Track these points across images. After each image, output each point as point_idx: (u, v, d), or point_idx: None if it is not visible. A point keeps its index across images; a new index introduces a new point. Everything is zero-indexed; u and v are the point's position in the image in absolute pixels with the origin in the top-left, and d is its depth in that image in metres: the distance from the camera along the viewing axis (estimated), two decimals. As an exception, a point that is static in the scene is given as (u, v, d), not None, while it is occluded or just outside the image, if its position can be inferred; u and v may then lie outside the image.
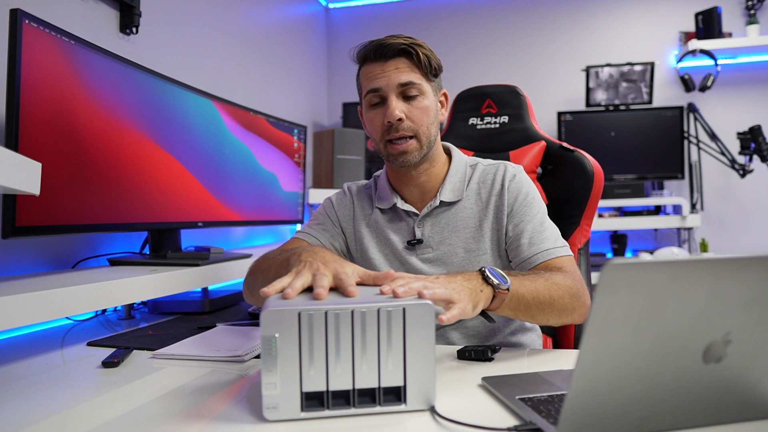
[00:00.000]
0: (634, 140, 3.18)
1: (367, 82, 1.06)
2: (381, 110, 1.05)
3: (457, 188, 1.11)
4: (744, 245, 3.16)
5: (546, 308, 0.91)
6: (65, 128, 1.21)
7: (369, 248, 1.14)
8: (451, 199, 1.10)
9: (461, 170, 1.13)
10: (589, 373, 0.52)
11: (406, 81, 1.03)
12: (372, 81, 1.05)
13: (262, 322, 0.64)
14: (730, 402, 0.59)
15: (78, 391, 0.84)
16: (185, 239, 1.70)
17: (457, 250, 1.09)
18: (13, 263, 1.32)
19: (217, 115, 1.79)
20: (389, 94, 1.03)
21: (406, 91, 1.04)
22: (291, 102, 3.11)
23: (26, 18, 1.09)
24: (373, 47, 1.05)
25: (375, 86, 1.04)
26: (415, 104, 1.04)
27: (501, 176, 1.10)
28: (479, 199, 1.11)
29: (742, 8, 3.19)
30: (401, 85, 1.03)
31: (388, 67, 1.04)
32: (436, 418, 0.65)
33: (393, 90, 1.03)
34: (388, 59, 1.04)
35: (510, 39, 3.47)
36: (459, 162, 1.14)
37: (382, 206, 1.15)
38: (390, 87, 1.03)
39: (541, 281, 0.91)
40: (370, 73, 1.05)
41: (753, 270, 0.52)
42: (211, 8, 2.29)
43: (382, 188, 1.16)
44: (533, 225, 1.05)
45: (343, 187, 1.23)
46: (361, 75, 1.09)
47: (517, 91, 1.52)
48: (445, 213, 1.11)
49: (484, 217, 1.09)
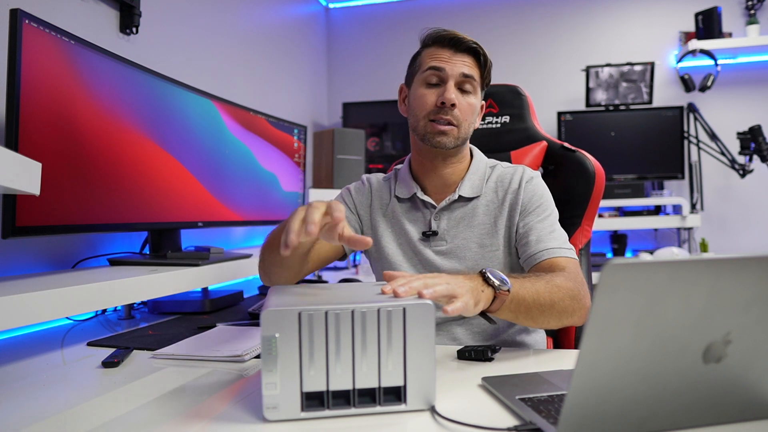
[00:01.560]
0: (634, 140, 3.18)
1: (433, 61, 1.10)
2: (436, 90, 1.09)
3: (476, 185, 1.14)
4: (744, 245, 3.16)
5: (546, 311, 0.91)
6: (65, 128, 1.21)
7: (384, 237, 1.17)
8: (469, 194, 1.13)
9: (482, 169, 1.17)
10: (589, 373, 0.52)
11: (469, 74, 1.09)
12: (438, 61, 1.09)
13: (262, 322, 0.64)
14: (730, 402, 0.59)
15: (78, 391, 0.84)
16: (185, 239, 1.70)
17: (470, 245, 1.11)
18: (13, 263, 1.32)
19: (217, 115, 1.79)
20: (450, 79, 1.08)
21: (464, 84, 1.09)
22: (291, 102, 3.11)
23: (26, 18, 1.09)
24: (449, 36, 1.10)
25: (441, 66, 1.08)
26: (467, 98, 1.10)
27: (519, 177, 1.14)
28: (496, 197, 1.14)
29: (742, 8, 3.19)
30: (464, 75, 1.08)
31: (456, 58, 1.09)
32: (436, 418, 0.65)
33: (455, 77, 1.08)
34: (459, 51, 1.09)
35: (510, 39, 3.47)
36: (480, 161, 1.18)
37: (402, 195, 1.18)
38: (453, 73, 1.08)
39: (541, 283, 0.92)
40: (439, 54, 1.10)
41: (753, 270, 0.52)
42: (211, 8, 2.29)
43: (404, 177, 1.19)
44: (543, 225, 1.08)
45: (362, 178, 1.26)
46: (425, 54, 1.12)
47: (519, 90, 1.51)
48: (462, 208, 1.14)
49: (499, 214, 1.12)
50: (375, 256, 1.19)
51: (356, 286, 0.88)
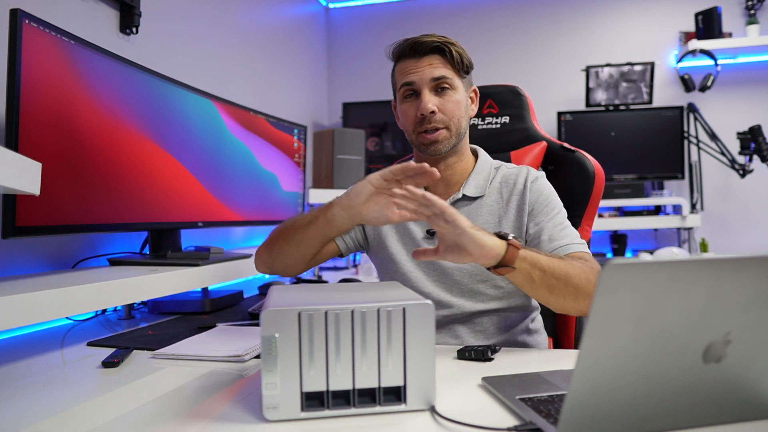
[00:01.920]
0: (634, 140, 3.18)
1: (402, 77, 1.11)
2: (414, 103, 1.10)
3: (480, 185, 1.15)
4: (744, 245, 3.16)
5: (562, 280, 0.90)
6: (65, 128, 1.21)
7: (388, 236, 1.18)
8: (473, 194, 1.14)
9: (486, 170, 1.18)
10: (589, 373, 0.52)
11: (438, 76, 1.08)
12: (406, 75, 1.10)
13: (262, 322, 0.64)
14: (730, 402, 0.59)
15: (78, 391, 0.84)
16: (185, 239, 1.70)
17: None
18: (13, 263, 1.32)
19: (217, 115, 1.79)
20: (422, 87, 1.09)
21: (439, 86, 1.09)
22: (291, 102, 3.11)
23: (26, 18, 1.09)
24: (408, 44, 1.10)
25: (409, 80, 1.10)
26: (447, 98, 1.10)
27: (524, 177, 1.14)
28: (500, 197, 1.15)
29: (742, 8, 3.19)
30: (434, 79, 1.08)
31: (422, 63, 1.09)
32: (436, 418, 0.65)
33: (426, 84, 1.08)
34: (422, 56, 1.09)
35: (510, 39, 3.47)
36: (485, 162, 1.19)
37: None
38: (423, 81, 1.08)
39: (557, 258, 0.94)
40: (405, 68, 1.11)
41: (753, 270, 0.52)
42: (211, 8, 2.29)
43: None
44: (553, 223, 1.08)
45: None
46: (396, 70, 1.15)
47: (518, 91, 1.51)
48: (466, 207, 1.15)
49: (504, 214, 1.13)
50: (379, 255, 1.20)
51: (356, 286, 0.88)
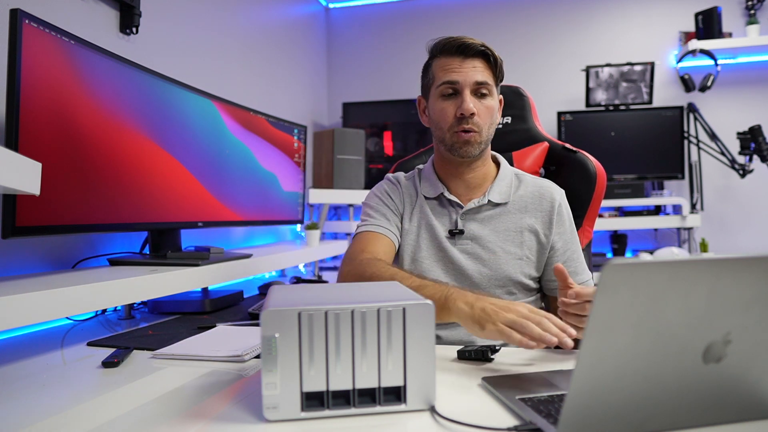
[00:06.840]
0: (634, 140, 3.18)
1: (444, 74, 1.12)
2: (454, 102, 1.12)
3: (504, 192, 1.18)
4: (744, 245, 3.16)
5: None
6: (65, 128, 1.21)
7: (410, 233, 1.20)
8: (498, 200, 1.17)
9: (509, 177, 1.21)
10: (589, 373, 0.52)
11: (482, 80, 1.11)
12: (450, 73, 1.11)
13: (262, 322, 0.64)
14: (730, 402, 0.59)
15: (78, 391, 0.84)
16: (185, 239, 1.70)
17: (495, 249, 1.15)
18: (13, 263, 1.32)
19: (217, 115, 1.79)
20: (465, 89, 1.10)
21: (479, 90, 1.12)
22: (291, 102, 3.11)
23: (26, 18, 1.09)
24: (457, 43, 1.11)
25: (453, 79, 1.11)
26: (485, 103, 1.12)
27: (550, 194, 1.18)
28: (525, 208, 1.18)
29: (742, 8, 3.19)
30: (477, 83, 1.11)
31: (467, 65, 1.11)
32: (436, 418, 0.65)
33: (469, 86, 1.10)
34: (468, 57, 1.11)
35: (510, 39, 3.47)
36: (507, 169, 1.23)
37: (428, 194, 1.21)
38: (467, 83, 1.10)
39: None
40: (449, 65, 1.12)
41: (753, 270, 0.52)
42: (211, 8, 2.29)
43: (428, 178, 1.23)
44: (578, 254, 1.18)
45: (387, 177, 1.29)
46: (436, 65, 1.15)
47: (520, 91, 1.51)
48: (489, 212, 1.17)
49: (527, 226, 1.16)
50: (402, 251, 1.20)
51: (356, 285, 0.88)
